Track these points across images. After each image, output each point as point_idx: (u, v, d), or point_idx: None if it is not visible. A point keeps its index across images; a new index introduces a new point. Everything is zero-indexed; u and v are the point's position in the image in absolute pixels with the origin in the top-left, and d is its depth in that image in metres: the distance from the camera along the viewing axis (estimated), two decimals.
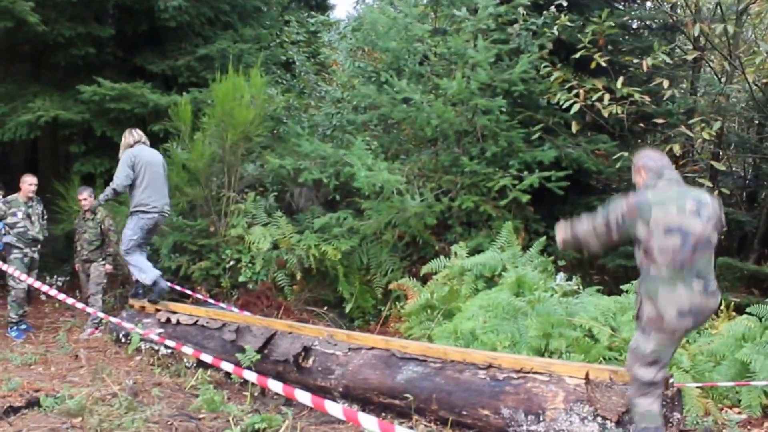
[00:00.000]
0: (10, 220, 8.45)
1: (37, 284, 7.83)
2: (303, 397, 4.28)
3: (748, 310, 6.60)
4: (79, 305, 7.50)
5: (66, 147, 11.45)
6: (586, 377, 4.52)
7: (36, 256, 8.73)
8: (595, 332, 6.08)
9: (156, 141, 10.13)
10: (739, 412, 5.54)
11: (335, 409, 4.03)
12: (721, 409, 5.57)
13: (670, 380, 4.37)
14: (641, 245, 4.02)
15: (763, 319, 6.37)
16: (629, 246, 8.79)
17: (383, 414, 5.36)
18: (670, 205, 3.93)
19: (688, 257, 3.88)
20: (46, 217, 9.06)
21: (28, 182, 8.70)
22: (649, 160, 4.27)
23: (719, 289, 4.08)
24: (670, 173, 4.17)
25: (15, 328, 8.40)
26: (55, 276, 10.16)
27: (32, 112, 9.98)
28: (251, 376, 4.93)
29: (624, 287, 7.63)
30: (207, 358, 5.66)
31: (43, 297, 9.40)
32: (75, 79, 10.43)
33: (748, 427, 5.39)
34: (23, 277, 7.99)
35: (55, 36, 10.21)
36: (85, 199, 8.84)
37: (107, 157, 10.65)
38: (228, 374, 5.96)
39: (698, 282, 3.91)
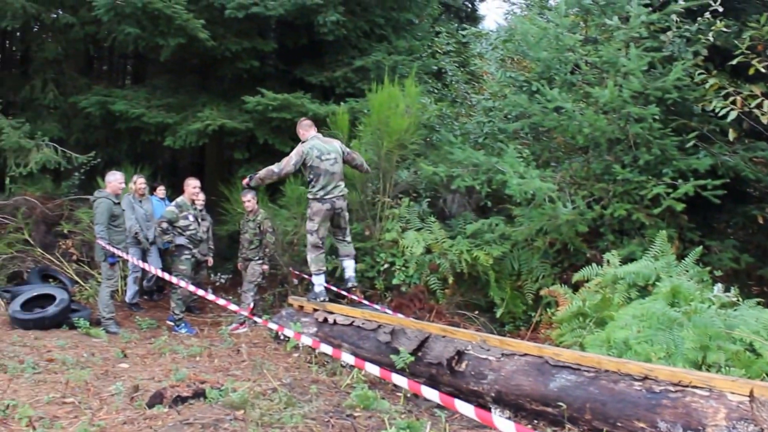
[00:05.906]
0: (182, 222, 8.99)
1: (191, 288, 8.33)
2: (464, 408, 4.18)
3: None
4: (233, 307, 7.97)
5: (230, 153, 12.18)
6: (751, 394, 4.28)
7: (201, 257, 9.33)
8: (756, 347, 5.79)
9: None
10: None
11: (505, 425, 3.85)
12: None
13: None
14: (313, 171, 7.82)
15: None
16: None
17: (535, 421, 5.36)
18: (320, 147, 7.83)
19: (331, 174, 7.79)
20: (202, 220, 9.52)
21: (192, 185, 9.22)
22: (306, 125, 8.11)
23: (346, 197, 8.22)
24: (317, 133, 8.05)
25: (183, 325, 8.99)
26: (219, 273, 10.81)
27: (201, 121, 10.69)
28: (402, 381, 4.94)
29: None
30: (349, 359, 5.75)
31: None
32: (240, 90, 11.12)
33: None
34: (182, 283, 8.50)
35: (222, 50, 10.93)
36: (248, 201, 9.38)
37: (269, 163, 11.15)
38: None
39: (337, 189, 7.90)
